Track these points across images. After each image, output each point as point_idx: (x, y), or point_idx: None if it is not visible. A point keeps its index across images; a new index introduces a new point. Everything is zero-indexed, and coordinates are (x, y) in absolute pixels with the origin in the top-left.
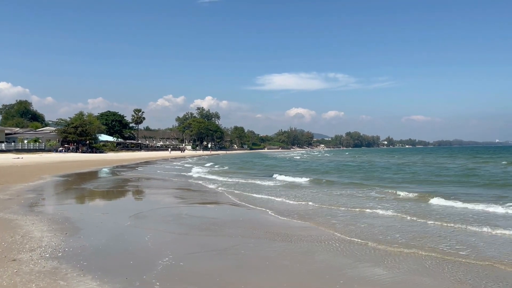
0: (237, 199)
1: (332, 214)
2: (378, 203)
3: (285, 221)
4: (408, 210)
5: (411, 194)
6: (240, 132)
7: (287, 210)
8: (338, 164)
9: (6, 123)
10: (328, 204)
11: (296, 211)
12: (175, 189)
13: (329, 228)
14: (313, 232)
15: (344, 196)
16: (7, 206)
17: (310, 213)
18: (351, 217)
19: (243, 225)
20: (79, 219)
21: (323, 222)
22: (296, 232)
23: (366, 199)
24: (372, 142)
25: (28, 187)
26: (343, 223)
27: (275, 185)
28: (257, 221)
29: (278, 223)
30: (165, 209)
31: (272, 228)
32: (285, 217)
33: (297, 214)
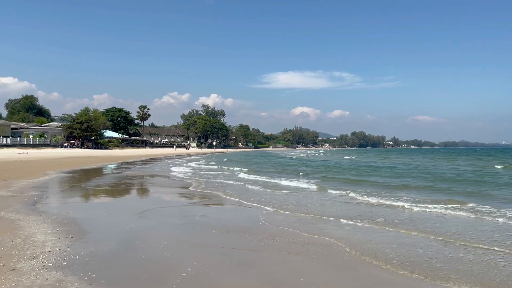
0: (257, 199)
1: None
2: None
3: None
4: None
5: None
6: (245, 130)
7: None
8: (370, 166)
9: (12, 117)
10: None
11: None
12: (186, 188)
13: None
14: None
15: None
16: (10, 204)
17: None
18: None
19: (269, 232)
20: (86, 220)
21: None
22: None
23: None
24: (378, 142)
25: (32, 183)
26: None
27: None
28: (282, 228)
29: (303, 230)
30: (180, 211)
31: (300, 237)
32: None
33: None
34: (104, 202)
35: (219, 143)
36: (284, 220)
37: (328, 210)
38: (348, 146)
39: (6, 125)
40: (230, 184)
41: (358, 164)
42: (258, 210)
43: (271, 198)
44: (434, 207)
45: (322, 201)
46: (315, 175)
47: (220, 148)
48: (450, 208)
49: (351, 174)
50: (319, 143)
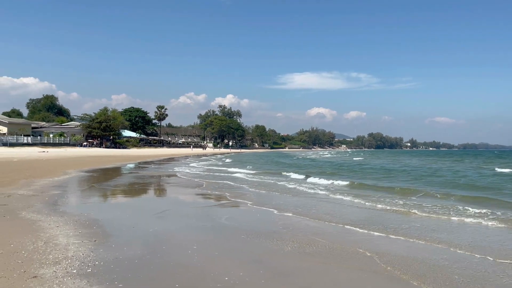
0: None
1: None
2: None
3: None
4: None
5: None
6: (261, 131)
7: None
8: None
9: (33, 117)
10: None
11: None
12: (207, 189)
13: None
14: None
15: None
16: (31, 204)
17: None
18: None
19: (299, 239)
20: (108, 222)
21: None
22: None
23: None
24: (395, 144)
25: (53, 182)
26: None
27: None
28: (312, 238)
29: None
30: (204, 213)
31: (333, 246)
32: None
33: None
34: (125, 202)
35: (235, 143)
36: (312, 227)
37: (350, 217)
38: (365, 148)
39: (27, 124)
40: (251, 185)
41: (368, 166)
42: (283, 215)
43: (292, 202)
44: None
45: (342, 207)
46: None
47: (236, 148)
48: (491, 218)
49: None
50: (336, 144)
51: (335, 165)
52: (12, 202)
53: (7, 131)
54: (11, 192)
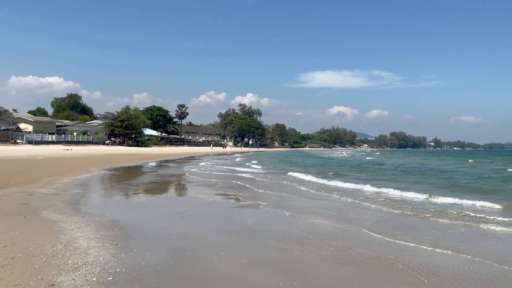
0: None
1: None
2: None
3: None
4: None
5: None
6: (281, 130)
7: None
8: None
9: (57, 115)
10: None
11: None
12: (230, 188)
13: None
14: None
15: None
16: (52, 203)
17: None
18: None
19: (335, 245)
20: (130, 224)
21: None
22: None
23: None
24: (418, 143)
25: (75, 180)
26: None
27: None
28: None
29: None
30: (228, 215)
31: (377, 255)
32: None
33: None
34: (146, 202)
35: (255, 142)
36: (340, 232)
37: (382, 223)
38: (387, 147)
39: (52, 122)
40: (277, 186)
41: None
42: (309, 219)
43: (315, 204)
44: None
45: (370, 212)
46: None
47: (256, 147)
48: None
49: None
50: (357, 143)
51: (358, 165)
52: (34, 201)
53: (33, 129)
54: (33, 191)
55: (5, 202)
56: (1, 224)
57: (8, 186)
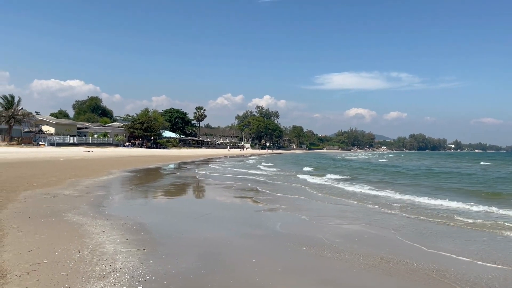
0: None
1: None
2: None
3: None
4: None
5: None
6: (298, 132)
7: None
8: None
9: (78, 118)
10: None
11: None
12: (254, 191)
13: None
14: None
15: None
16: (76, 205)
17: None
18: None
19: (376, 256)
20: (156, 227)
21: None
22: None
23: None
24: (438, 145)
25: (97, 182)
26: None
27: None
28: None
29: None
30: (255, 219)
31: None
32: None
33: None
34: (170, 205)
35: (273, 144)
36: (375, 239)
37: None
38: (406, 149)
39: (73, 125)
40: (297, 190)
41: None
42: (342, 224)
43: (347, 210)
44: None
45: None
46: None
47: (273, 149)
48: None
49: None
50: (375, 145)
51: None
52: (58, 203)
53: (55, 131)
54: (57, 192)
55: (30, 204)
56: (26, 227)
57: (32, 187)
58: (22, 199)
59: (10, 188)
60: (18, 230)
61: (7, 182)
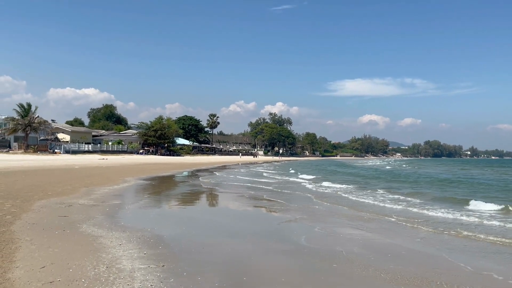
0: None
1: None
2: None
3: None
4: None
5: None
6: (312, 138)
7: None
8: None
9: (93, 125)
10: None
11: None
12: (273, 201)
13: None
14: None
15: None
16: (91, 215)
17: None
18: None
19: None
20: (174, 240)
21: None
22: None
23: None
24: (454, 152)
25: (113, 191)
26: None
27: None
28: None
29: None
30: (279, 231)
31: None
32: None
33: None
34: (187, 215)
35: (286, 151)
36: (424, 257)
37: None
38: (421, 156)
39: (88, 132)
40: (319, 197)
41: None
42: (374, 239)
43: (374, 222)
44: None
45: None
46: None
47: (286, 156)
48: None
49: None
50: (390, 152)
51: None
52: (73, 213)
53: (70, 139)
54: (72, 202)
55: (44, 214)
56: (39, 240)
57: (47, 196)
58: (37, 209)
59: (25, 197)
60: (31, 243)
61: (22, 191)
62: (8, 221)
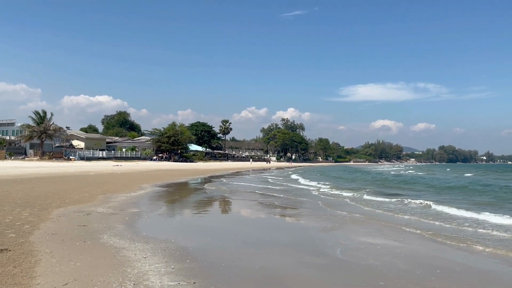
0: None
1: None
2: None
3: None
4: None
5: None
6: (324, 144)
7: None
8: None
9: (107, 132)
10: None
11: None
12: (300, 209)
13: None
14: None
15: None
16: (111, 225)
17: None
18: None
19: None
20: (201, 253)
21: None
22: None
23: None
24: (469, 157)
25: (130, 198)
26: None
27: None
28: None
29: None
30: (312, 242)
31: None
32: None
33: None
34: (211, 225)
35: (298, 157)
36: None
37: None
38: (435, 161)
39: (102, 139)
40: (346, 206)
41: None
42: (419, 247)
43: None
44: None
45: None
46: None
47: (299, 161)
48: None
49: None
50: (403, 157)
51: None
52: (92, 222)
53: (84, 145)
54: (90, 210)
55: (63, 224)
56: (60, 252)
57: (65, 204)
58: (55, 218)
59: (43, 205)
60: (51, 256)
61: (39, 198)
62: (27, 231)
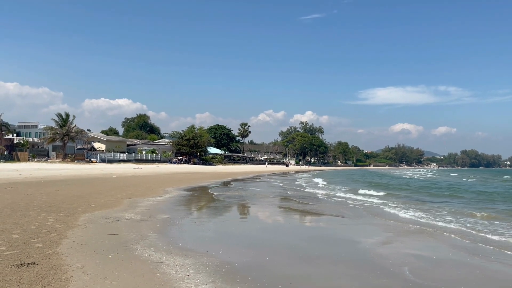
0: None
1: None
2: None
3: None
4: None
5: None
6: (344, 148)
7: None
8: None
9: (127, 135)
10: None
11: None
12: (341, 217)
13: None
14: None
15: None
16: (143, 234)
17: None
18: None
19: None
20: (250, 270)
21: None
22: None
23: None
24: (492, 162)
25: (157, 203)
26: None
27: None
28: None
29: None
30: (367, 257)
31: None
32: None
33: None
34: (249, 234)
35: (317, 160)
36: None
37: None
38: (457, 166)
39: (122, 141)
40: (380, 213)
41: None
42: (491, 265)
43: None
44: None
45: None
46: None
47: (318, 165)
48: None
49: None
50: (424, 162)
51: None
52: (122, 230)
53: (105, 148)
54: (118, 216)
55: (92, 232)
56: (92, 267)
57: (91, 209)
58: (82, 224)
59: (68, 210)
60: (83, 272)
61: (64, 202)
62: (54, 240)
